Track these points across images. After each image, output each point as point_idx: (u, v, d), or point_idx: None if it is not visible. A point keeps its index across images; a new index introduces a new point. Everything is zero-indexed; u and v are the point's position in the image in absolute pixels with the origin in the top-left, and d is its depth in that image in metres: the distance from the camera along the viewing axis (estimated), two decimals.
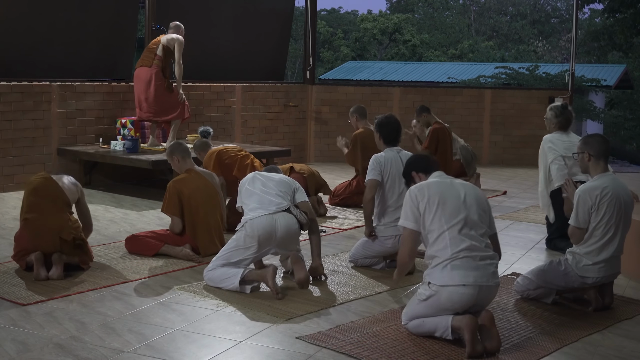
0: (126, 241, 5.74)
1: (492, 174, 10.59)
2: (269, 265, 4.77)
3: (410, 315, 4.02)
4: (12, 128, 8.21)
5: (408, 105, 11.78)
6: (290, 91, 11.62)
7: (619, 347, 4.01)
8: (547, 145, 6.12)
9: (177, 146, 5.84)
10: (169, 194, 5.62)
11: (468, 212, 3.94)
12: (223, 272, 4.77)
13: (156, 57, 8.37)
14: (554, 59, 38.75)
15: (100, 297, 4.59)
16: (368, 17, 39.00)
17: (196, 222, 5.62)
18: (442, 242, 3.89)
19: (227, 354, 3.74)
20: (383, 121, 5.62)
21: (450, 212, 3.92)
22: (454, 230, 3.89)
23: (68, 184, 5.33)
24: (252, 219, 4.79)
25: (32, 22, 8.78)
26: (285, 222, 4.80)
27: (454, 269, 3.82)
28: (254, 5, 11.40)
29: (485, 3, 46.22)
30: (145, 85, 8.39)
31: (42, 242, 4.98)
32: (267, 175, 5.07)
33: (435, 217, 3.92)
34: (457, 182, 4.12)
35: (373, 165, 5.40)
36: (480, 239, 3.93)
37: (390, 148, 5.54)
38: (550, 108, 6.29)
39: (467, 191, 4.03)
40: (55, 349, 3.73)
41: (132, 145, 8.23)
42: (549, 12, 46.42)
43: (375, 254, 5.41)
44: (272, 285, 4.59)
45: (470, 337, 3.73)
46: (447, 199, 3.95)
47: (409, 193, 4.04)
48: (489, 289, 3.87)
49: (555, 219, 6.17)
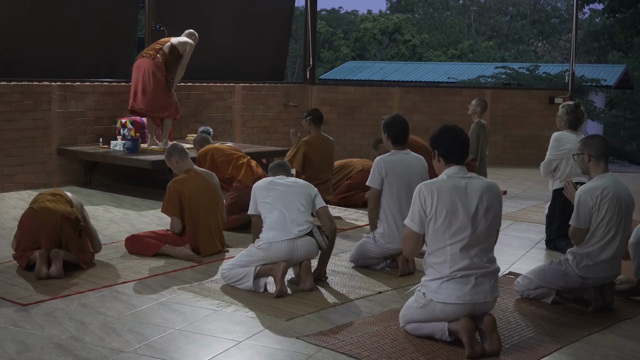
0: (126, 241, 5.74)
1: (492, 174, 10.58)
2: (280, 263, 4.76)
3: (406, 319, 4.03)
4: (12, 128, 8.21)
5: (408, 105, 11.77)
6: (290, 91, 11.62)
7: (619, 347, 4.00)
8: (554, 144, 6.18)
9: (173, 148, 5.84)
10: (168, 194, 5.61)
11: (476, 226, 3.77)
12: (236, 272, 4.83)
13: (160, 52, 8.31)
14: (554, 59, 38.74)
15: (100, 297, 4.59)
16: (368, 17, 38.98)
17: (197, 222, 5.62)
18: (442, 256, 3.79)
19: (227, 354, 3.74)
20: (390, 121, 5.44)
21: (457, 228, 3.76)
22: (456, 247, 3.76)
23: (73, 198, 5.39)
24: (270, 243, 4.77)
25: (32, 22, 8.77)
26: (306, 247, 4.81)
27: (450, 287, 3.76)
28: (254, 5, 11.40)
29: (485, 3, 46.22)
30: (144, 76, 8.25)
31: (46, 226, 4.98)
32: (286, 185, 4.93)
33: (439, 229, 3.77)
34: (473, 186, 3.82)
35: (373, 171, 5.32)
36: (483, 254, 3.81)
37: (397, 150, 5.41)
38: (563, 105, 6.32)
39: (481, 199, 3.79)
40: (55, 349, 3.73)
41: (132, 145, 8.23)
42: (549, 12, 46.42)
43: (375, 255, 5.41)
44: (280, 281, 4.64)
45: (467, 339, 3.72)
46: (457, 211, 3.75)
47: (418, 192, 3.82)
48: (486, 304, 3.83)
49: (554, 217, 6.19)
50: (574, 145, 6.09)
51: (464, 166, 3.90)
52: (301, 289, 4.78)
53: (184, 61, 8.38)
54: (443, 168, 3.91)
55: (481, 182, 3.87)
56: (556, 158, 6.16)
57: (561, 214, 6.13)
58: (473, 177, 3.89)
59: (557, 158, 6.16)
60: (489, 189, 3.85)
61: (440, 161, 3.92)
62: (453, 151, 3.88)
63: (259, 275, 4.78)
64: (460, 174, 3.86)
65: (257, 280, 4.77)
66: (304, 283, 4.80)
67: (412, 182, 5.18)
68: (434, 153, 3.94)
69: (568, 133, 6.20)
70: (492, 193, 3.85)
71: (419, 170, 5.39)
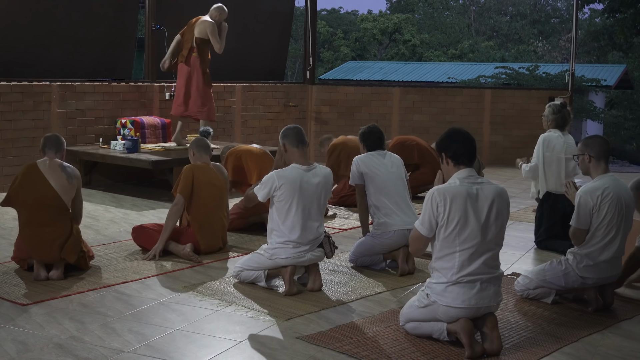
0: (133, 230, 5.82)
1: (492, 174, 10.58)
2: None
3: (407, 318, 4.03)
4: (12, 128, 8.21)
5: (408, 105, 11.77)
6: (290, 91, 11.62)
7: (619, 347, 4.00)
8: (541, 146, 6.20)
9: (196, 140, 5.97)
10: (183, 176, 5.65)
11: (487, 234, 3.77)
12: (247, 274, 4.89)
13: (191, 50, 8.60)
14: (554, 59, 38.74)
15: (100, 297, 4.59)
16: (368, 17, 39.00)
17: (203, 214, 5.64)
18: (451, 261, 3.78)
19: (227, 354, 3.74)
20: (366, 131, 5.66)
21: (467, 236, 3.75)
22: (466, 253, 3.76)
23: (62, 184, 5.03)
24: (279, 257, 4.77)
25: (32, 22, 8.77)
26: (313, 257, 4.85)
27: (456, 291, 3.76)
28: (254, 5, 11.40)
29: (485, 3, 46.23)
30: (186, 81, 8.63)
31: (44, 256, 4.96)
32: (309, 192, 4.75)
33: (450, 236, 3.77)
34: (484, 192, 3.81)
35: (352, 171, 5.53)
36: (490, 260, 3.82)
37: (371, 152, 5.57)
38: (549, 105, 6.34)
39: (491, 207, 3.79)
40: (55, 349, 3.73)
41: (132, 145, 8.23)
42: (549, 12, 46.43)
43: (375, 252, 5.42)
44: (289, 281, 4.69)
45: (467, 340, 3.72)
46: (468, 219, 3.74)
47: (431, 197, 3.79)
48: (489, 308, 3.85)
49: (542, 219, 6.22)
50: (562, 147, 6.14)
51: (472, 168, 3.89)
52: (310, 289, 4.81)
53: (213, 43, 8.50)
54: (453, 171, 3.89)
55: (492, 188, 3.86)
56: (545, 161, 6.17)
57: (549, 216, 6.16)
58: (484, 182, 3.88)
59: (546, 161, 6.17)
60: (500, 196, 3.85)
61: (449, 163, 3.89)
62: (461, 152, 3.86)
63: (269, 277, 4.85)
64: (471, 179, 3.84)
65: (269, 281, 4.85)
66: (312, 282, 4.84)
67: (390, 172, 5.47)
68: (441, 156, 3.92)
69: (555, 134, 6.21)
70: (502, 200, 3.86)
71: (393, 161, 5.59)
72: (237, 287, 4.85)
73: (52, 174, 4.99)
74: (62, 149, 5.19)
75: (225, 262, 5.51)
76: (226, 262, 5.51)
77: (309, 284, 4.86)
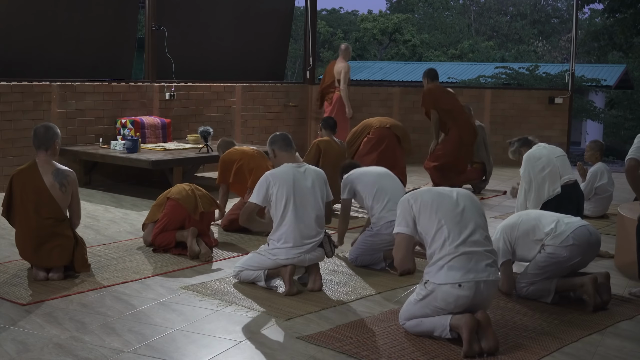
0: (152, 237, 5.74)
1: (492, 174, 10.57)
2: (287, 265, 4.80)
3: (407, 316, 4.03)
4: (12, 128, 8.21)
5: (408, 105, 11.77)
6: (290, 91, 11.62)
7: (619, 347, 4.01)
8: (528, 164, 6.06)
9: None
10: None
11: (463, 208, 3.97)
12: (247, 274, 4.89)
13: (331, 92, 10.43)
14: (554, 59, 38.73)
15: (100, 297, 4.60)
16: (368, 17, 38.98)
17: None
18: (441, 236, 3.89)
19: (227, 354, 3.74)
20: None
21: (447, 208, 3.95)
22: (452, 222, 3.91)
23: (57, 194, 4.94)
24: (279, 258, 4.77)
25: (32, 22, 8.78)
26: (314, 257, 4.86)
27: (452, 268, 3.82)
28: (254, 5, 11.40)
29: (485, 3, 46.21)
30: None
31: (43, 264, 4.94)
32: (304, 189, 4.82)
33: (431, 214, 3.94)
34: (448, 189, 4.14)
35: (343, 188, 5.76)
36: (480, 231, 3.94)
37: None
38: (511, 145, 6.40)
39: (460, 194, 4.06)
40: (55, 349, 3.73)
41: (132, 145, 8.23)
42: (549, 12, 46.40)
43: (375, 249, 5.42)
44: (289, 281, 4.69)
45: (467, 335, 3.73)
46: (442, 198, 4.00)
47: (401, 200, 4.09)
48: (487, 285, 3.85)
49: None
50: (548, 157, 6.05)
51: None
52: (310, 289, 4.82)
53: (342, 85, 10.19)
54: None
55: None
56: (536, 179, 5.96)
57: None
58: None
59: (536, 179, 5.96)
60: (463, 192, 4.13)
61: None
62: None
63: (269, 277, 4.85)
64: None
65: (269, 281, 4.85)
66: (313, 283, 4.85)
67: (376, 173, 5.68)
68: None
69: (535, 148, 6.15)
70: (466, 193, 4.14)
71: None
72: (237, 287, 4.85)
73: (46, 178, 4.92)
74: (52, 143, 4.93)
75: (225, 262, 5.51)
76: (226, 262, 5.51)
77: (309, 284, 4.86)
